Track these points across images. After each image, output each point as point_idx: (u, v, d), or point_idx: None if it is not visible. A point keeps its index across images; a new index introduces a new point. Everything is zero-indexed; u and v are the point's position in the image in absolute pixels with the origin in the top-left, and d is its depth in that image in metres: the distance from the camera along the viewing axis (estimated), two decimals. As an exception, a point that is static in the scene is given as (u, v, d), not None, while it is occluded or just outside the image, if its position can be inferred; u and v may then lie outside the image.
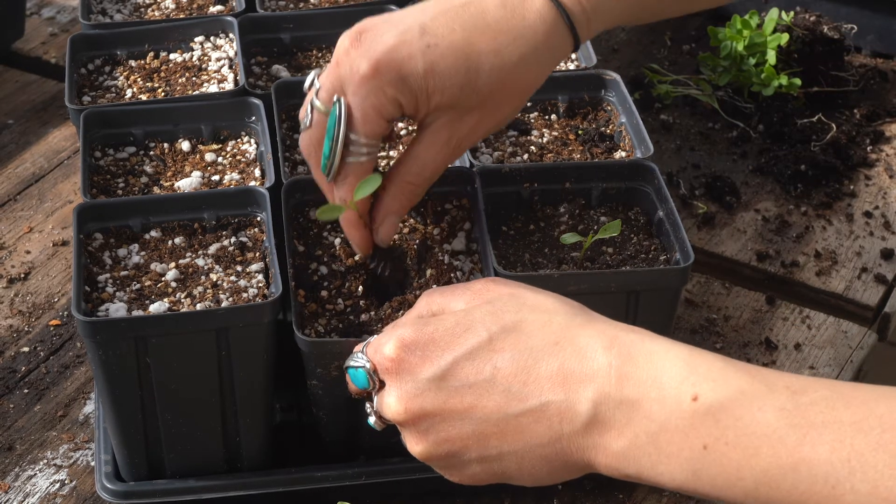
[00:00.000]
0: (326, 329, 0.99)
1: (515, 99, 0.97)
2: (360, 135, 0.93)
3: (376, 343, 0.88)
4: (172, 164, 1.14)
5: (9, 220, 1.39)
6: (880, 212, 1.40)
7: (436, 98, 0.93)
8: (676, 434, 0.77)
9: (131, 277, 1.01)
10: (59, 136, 1.51)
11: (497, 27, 0.94)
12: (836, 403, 0.74)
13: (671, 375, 0.78)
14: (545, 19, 0.95)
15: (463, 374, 0.83)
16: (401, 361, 0.85)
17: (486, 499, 1.08)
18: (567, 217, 1.08)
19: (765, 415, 0.75)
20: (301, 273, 1.02)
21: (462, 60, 0.93)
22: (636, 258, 1.04)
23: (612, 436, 0.80)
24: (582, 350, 0.81)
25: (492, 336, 0.83)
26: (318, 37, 1.29)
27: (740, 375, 0.78)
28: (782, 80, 1.50)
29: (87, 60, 1.26)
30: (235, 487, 1.04)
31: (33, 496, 1.09)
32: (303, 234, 1.05)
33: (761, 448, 0.75)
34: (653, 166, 1.08)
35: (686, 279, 1.01)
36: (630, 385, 0.79)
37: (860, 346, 1.26)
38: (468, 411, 0.83)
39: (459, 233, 1.05)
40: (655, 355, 0.80)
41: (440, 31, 0.93)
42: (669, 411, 0.78)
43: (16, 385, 1.20)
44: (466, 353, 0.83)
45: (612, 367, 0.80)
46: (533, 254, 1.04)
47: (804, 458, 0.74)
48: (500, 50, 0.93)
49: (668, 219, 1.05)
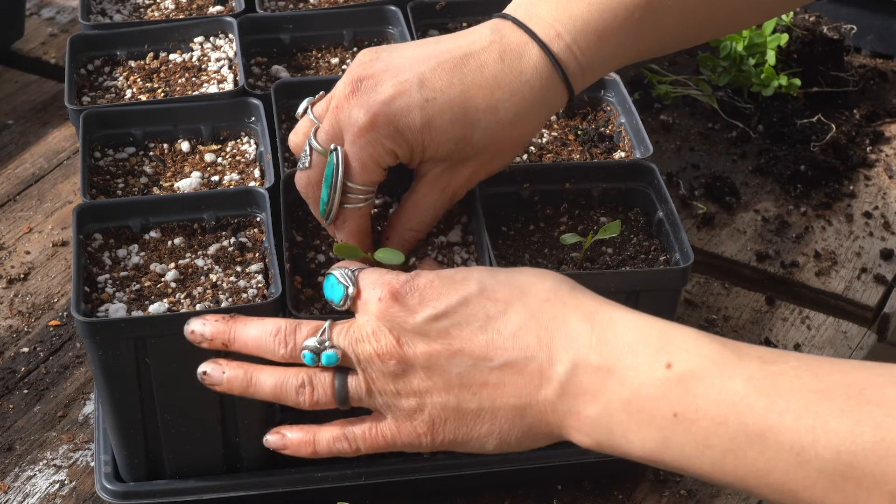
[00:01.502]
0: (322, 313, 0.99)
1: (510, 151, 1.00)
2: (357, 183, 0.96)
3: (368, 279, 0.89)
4: (172, 164, 1.14)
5: (8, 220, 1.39)
6: (880, 212, 1.40)
7: (431, 150, 0.96)
8: (648, 401, 0.80)
9: (131, 278, 1.02)
10: (58, 136, 1.51)
11: (495, 83, 0.95)
12: (803, 373, 0.77)
13: (647, 343, 0.81)
14: (541, 75, 0.96)
15: (455, 318, 0.86)
16: (390, 308, 0.87)
17: (487, 499, 1.08)
18: (567, 217, 1.08)
19: (734, 383, 0.77)
20: (298, 261, 1.03)
21: (459, 116, 0.95)
22: (636, 259, 1.04)
23: (585, 400, 0.82)
24: (567, 313, 0.84)
25: (485, 286, 0.86)
26: (317, 37, 1.29)
27: (713, 346, 0.80)
28: (782, 81, 1.50)
29: (87, 61, 1.26)
30: (235, 488, 1.04)
31: (33, 496, 1.09)
32: (301, 226, 1.06)
33: (729, 415, 0.77)
34: (653, 166, 1.08)
35: (686, 280, 1.01)
36: (607, 351, 0.82)
37: (860, 346, 1.26)
38: (455, 355, 0.86)
39: (456, 225, 1.06)
40: (634, 324, 0.83)
41: (438, 84, 0.95)
42: (642, 378, 0.80)
43: (15, 385, 1.20)
44: (461, 300, 0.86)
45: (593, 332, 0.83)
46: (533, 254, 1.04)
47: (771, 426, 0.76)
48: (496, 106, 0.95)
49: (667, 219, 1.05)
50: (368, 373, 0.89)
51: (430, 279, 0.87)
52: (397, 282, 0.88)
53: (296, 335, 0.91)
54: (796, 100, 1.53)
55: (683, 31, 1.02)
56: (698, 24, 1.03)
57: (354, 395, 0.90)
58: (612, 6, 0.97)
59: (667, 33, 1.01)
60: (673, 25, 1.00)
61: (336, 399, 0.90)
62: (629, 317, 0.84)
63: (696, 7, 1.00)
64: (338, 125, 0.96)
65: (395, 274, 0.89)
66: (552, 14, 0.97)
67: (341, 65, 1.26)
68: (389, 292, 0.87)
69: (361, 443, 0.91)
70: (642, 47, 1.00)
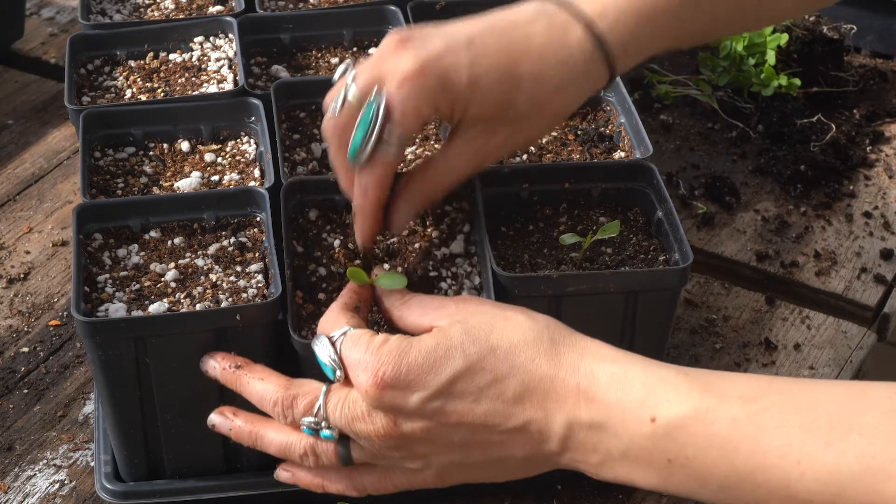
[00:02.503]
0: None
1: (549, 120, 1.01)
2: (396, 129, 0.94)
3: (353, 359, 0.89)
4: (172, 164, 1.14)
5: (8, 220, 1.39)
6: (880, 212, 1.40)
7: (473, 110, 0.96)
8: (642, 451, 0.82)
9: (131, 278, 1.02)
10: (58, 136, 1.51)
11: (540, 53, 0.96)
12: (785, 408, 0.78)
13: (631, 399, 0.83)
14: (584, 50, 0.97)
15: (446, 396, 0.86)
16: (382, 396, 0.87)
17: (487, 499, 1.08)
18: (566, 217, 1.08)
19: (718, 427, 0.79)
20: (299, 274, 1.02)
21: (505, 80, 0.95)
22: (635, 259, 1.04)
23: (586, 451, 0.85)
24: (555, 372, 0.85)
25: (470, 358, 0.86)
26: (317, 37, 1.29)
27: (694, 391, 0.81)
28: (782, 81, 1.50)
29: (87, 61, 1.26)
30: (235, 488, 1.04)
31: (33, 496, 1.09)
32: (302, 235, 1.05)
33: (718, 460, 0.79)
34: (652, 166, 1.08)
35: (685, 280, 1.01)
36: (596, 408, 0.84)
37: (860, 346, 1.26)
38: (454, 427, 0.87)
39: (458, 235, 1.05)
40: (615, 378, 0.84)
41: (487, 48, 0.95)
42: (632, 432, 0.82)
43: (15, 385, 1.20)
44: (449, 379, 0.86)
45: (580, 389, 0.84)
46: (532, 254, 1.04)
47: (758, 466, 0.77)
48: (541, 75, 0.96)
49: (666, 219, 1.05)
50: (369, 447, 0.91)
51: (414, 357, 0.87)
52: (382, 367, 0.87)
53: (293, 409, 0.92)
54: (796, 100, 1.53)
55: (726, 17, 1.03)
56: (740, 10, 1.03)
57: (359, 460, 0.92)
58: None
59: (708, 18, 1.02)
60: (715, 10, 1.01)
61: (341, 464, 0.93)
62: (610, 369, 0.85)
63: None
64: (380, 74, 0.94)
65: (376, 351, 0.88)
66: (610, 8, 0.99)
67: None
68: (376, 380, 0.87)
69: (372, 492, 0.94)
70: (683, 31, 1.01)
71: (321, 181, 1.06)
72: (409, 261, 1.03)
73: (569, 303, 0.99)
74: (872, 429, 0.74)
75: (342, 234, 1.03)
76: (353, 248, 1.03)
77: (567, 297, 0.99)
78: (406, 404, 0.87)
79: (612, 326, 1.01)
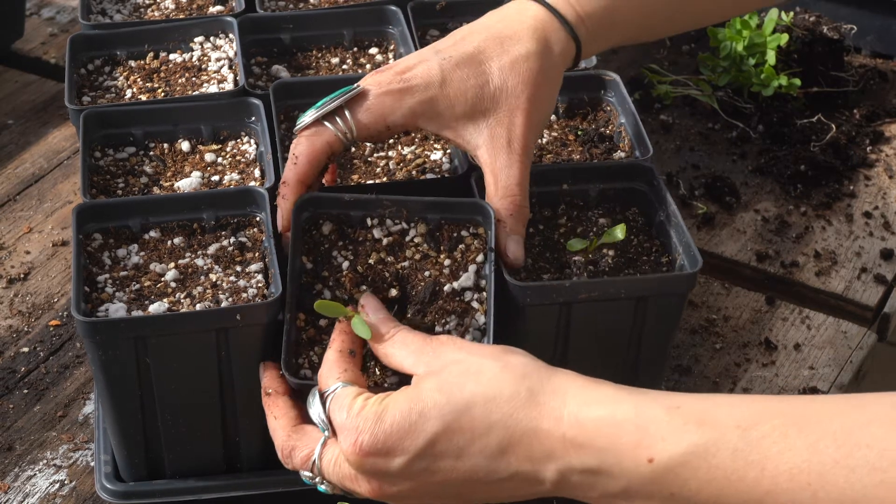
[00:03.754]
0: (321, 360, 0.97)
1: (534, 88, 1.02)
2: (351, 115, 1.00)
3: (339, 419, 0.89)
4: (172, 164, 1.14)
5: (8, 220, 1.39)
6: (880, 212, 1.40)
7: (459, 106, 1.00)
8: (643, 489, 0.81)
9: (131, 278, 1.01)
10: (58, 136, 1.51)
11: (499, 33, 1.03)
12: (788, 430, 0.77)
13: (624, 443, 0.81)
14: (541, 19, 1.03)
15: (427, 457, 0.85)
16: (363, 463, 0.87)
17: (486, 499, 1.08)
18: (565, 219, 1.08)
19: (720, 460, 0.78)
20: (304, 293, 1.00)
21: (474, 66, 1.01)
22: (638, 261, 1.04)
23: (583, 492, 0.84)
24: (538, 423, 0.83)
25: (445, 419, 0.85)
26: (317, 37, 1.29)
27: (689, 427, 0.79)
28: (782, 81, 1.50)
29: (87, 61, 1.26)
30: (235, 487, 1.04)
31: (33, 496, 1.09)
32: (312, 250, 1.02)
33: (724, 490, 0.78)
34: (650, 166, 1.08)
35: (694, 284, 1.01)
36: (587, 455, 0.82)
37: (860, 346, 1.26)
38: (441, 484, 0.87)
39: (470, 266, 1.00)
40: (604, 423, 0.82)
41: (452, 48, 1.02)
42: (630, 474, 0.81)
43: (15, 385, 1.20)
44: (427, 441, 0.85)
45: (566, 438, 0.83)
46: (534, 258, 1.04)
47: (767, 492, 0.76)
48: (504, 49, 1.02)
49: (669, 221, 1.05)
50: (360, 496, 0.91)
51: (390, 423, 0.86)
52: (360, 435, 0.87)
53: (292, 459, 0.93)
54: (796, 100, 1.53)
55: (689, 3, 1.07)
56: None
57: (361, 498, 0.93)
58: None
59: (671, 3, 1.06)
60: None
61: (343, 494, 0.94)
62: (596, 413, 0.83)
63: None
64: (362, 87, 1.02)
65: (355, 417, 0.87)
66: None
67: (341, 65, 1.26)
68: (355, 448, 0.86)
69: None
70: (647, 11, 1.04)
71: (336, 198, 1.02)
72: (417, 290, 1.00)
73: (579, 309, 0.99)
74: (880, 441, 0.73)
75: (353, 252, 1.01)
76: (361, 271, 1.00)
77: (578, 303, 0.98)
78: (388, 469, 0.86)
79: (621, 331, 1.01)
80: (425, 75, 1.00)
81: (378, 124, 1.01)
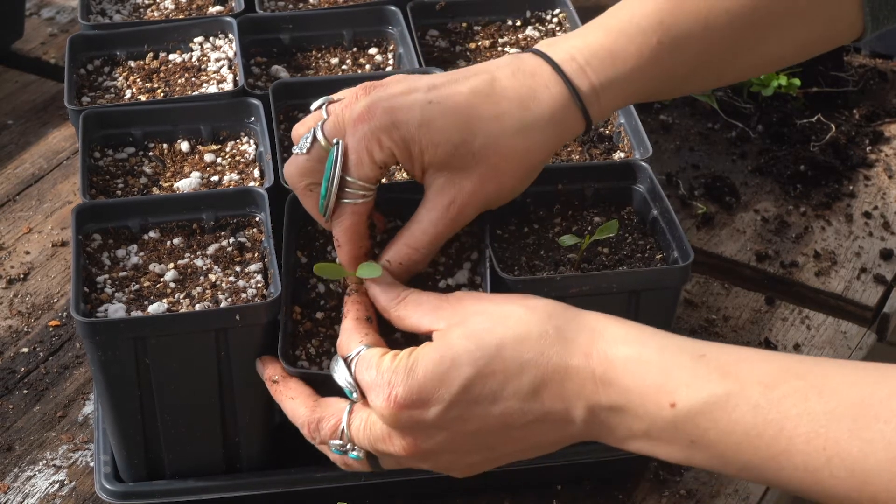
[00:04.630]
0: (318, 351, 0.98)
1: (515, 167, 0.96)
2: (354, 176, 0.95)
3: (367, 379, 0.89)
4: (171, 164, 1.14)
5: (8, 220, 1.39)
6: (879, 212, 1.40)
7: (429, 154, 0.94)
8: (664, 432, 0.83)
9: (130, 278, 1.02)
10: (58, 136, 1.51)
11: (502, 94, 0.95)
12: (808, 394, 0.78)
13: (648, 384, 0.82)
14: (552, 93, 0.95)
15: (462, 405, 0.86)
16: (398, 416, 0.87)
17: (486, 498, 1.08)
18: (560, 218, 1.08)
19: (740, 414, 0.79)
20: (300, 287, 1.01)
21: (461, 121, 0.94)
22: (632, 258, 1.04)
23: (609, 430, 0.85)
24: (567, 361, 0.85)
25: (478, 364, 0.86)
26: (317, 37, 1.29)
27: (713, 377, 0.81)
28: (781, 81, 1.50)
29: (87, 61, 1.26)
30: (235, 488, 1.04)
31: (32, 497, 1.09)
32: (307, 245, 1.03)
33: (741, 444, 0.79)
34: (644, 165, 1.08)
35: (686, 278, 1.01)
36: (614, 392, 0.84)
37: (859, 346, 1.26)
38: (475, 433, 0.87)
39: (465, 263, 1.02)
40: (630, 361, 0.84)
41: (446, 91, 0.94)
42: (653, 416, 0.82)
43: (15, 386, 1.20)
44: (461, 388, 0.86)
45: (595, 375, 0.84)
46: (529, 256, 1.04)
47: (782, 450, 0.78)
48: (500, 116, 0.94)
49: (662, 217, 1.05)
50: (396, 462, 0.92)
51: (423, 374, 0.86)
52: (394, 389, 0.87)
53: (319, 432, 0.93)
54: (796, 100, 1.53)
55: (707, 63, 1.00)
56: (723, 58, 1.01)
57: (389, 467, 0.93)
58: (628, 31, 0.97)
59: (688, 64, 0.99)
60: (694, 55, 0.99)
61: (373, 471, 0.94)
62: (624, 352, 0.84)
63: (721, 36, 0.99)
64: (341, 122, 0.96)
65: (386, 372, 0.87)
66: (569, 43, 0.97)
67: (341, 65, 1.26)
68: (390, 403, 0.87)
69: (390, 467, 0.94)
70: (663, 75, 0.99)
71: None
72: None
73: (572, 303, 0.99)
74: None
75: None
76: None
77: (570, 298, 0.98)
78: (424, 420, 0.87)
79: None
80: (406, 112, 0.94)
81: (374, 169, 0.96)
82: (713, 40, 0.99)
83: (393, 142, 0.93)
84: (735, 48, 1.00)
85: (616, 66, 0.96)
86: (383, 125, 0.93)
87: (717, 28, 0.98)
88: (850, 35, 1.03)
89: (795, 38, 1.02)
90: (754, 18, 0.99)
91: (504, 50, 1.29)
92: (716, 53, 1.00)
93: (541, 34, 1.30)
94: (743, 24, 0.99)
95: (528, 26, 1.32)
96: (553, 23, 1.32)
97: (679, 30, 0.97)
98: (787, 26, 1.01)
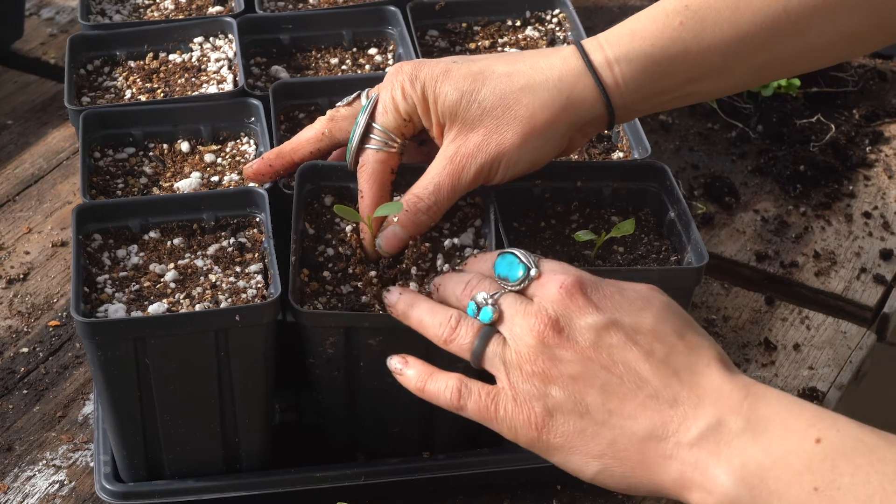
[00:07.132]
0: (326, 307, 0.98)
1: (518, 123, 0.98)
2: (379, 124, 1.01)
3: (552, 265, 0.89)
4: (172, 164, 1.14)
5: (8, 220, 1.39)
6: (879, 212, 1.40)
7: (440, 102, 0.99)
8: (789, 471, 0.78)
9: (130, 278, 1.02)
10: (58, 136, 1.51)
11: (520, 58, 1.01)
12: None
13: (798, 417, 0.80)
14: (565, 58, 1.00)
15: (622, 340, 0.85)
16: (573, 296, 0.86)
17: (487, 498, 1.08)
18: (578, 215, 1.08)
19: (885, 466, 0.76)
20: (308, 254, 1.02)
21: (475, 73, 0.99)
22: (647, 258, 1.04)
23: (719, 459, 0.81)
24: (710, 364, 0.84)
25: (657, 322, 0.86)
26: (317, 37, 1.29)
27: (864, 429, 0.79)
28: (781, 81, 1.50)
29: (87, 61, 1.26)
30: (235, 488, 1.04)
31: (32, 497, 1.09)
32: (315, 219, 1.06)
33: (874, 497, 0.75)
34: (665, 167, 1.08)
35: (699, 279, 1.01)
36: (755, 418, 0.81)
37: (859, 346, 1.26)
38: (607, 369, 0.84)
39: (469, 228, 1.05)
40: (783, 397, 0.82)
41: (474, 57, 1.02)
42: (789, 449, 0.78)
43: (15, 386, 1.20)
44: (633, 325, 0.85)
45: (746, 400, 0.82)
46: (544, 250, 1.04)
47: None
48: (512, 73, 0.99)
49: (679, 219, 1.05)
50: (516, 343, 0.87)
51: (614, 290, 0.87)
52: (584, 274, 0.88)
53: (480, 284, 0.91)
54: (796, 100, 1.53)
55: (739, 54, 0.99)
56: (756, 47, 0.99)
57: (490, 353, 0.88)
58: (652, 13, 1.00)
59: (718, 51, 0.98)
60: (725, 42, 0.98)
61: (472, 349, 0.89)
62: (776, 390, 0.83)
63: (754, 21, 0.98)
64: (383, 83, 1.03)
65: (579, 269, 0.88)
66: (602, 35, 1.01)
67: (341, 65, 1.26)
68: (575, 281, 0.87)
69: (472, 403, 0.88)
70: (692, 60, 0.98)
71: (338, 167, 1.06)
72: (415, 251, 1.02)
73: None
74: None
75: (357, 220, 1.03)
76: None
77: None
78: (588, 317, 0.85)
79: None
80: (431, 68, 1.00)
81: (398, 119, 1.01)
82: (744, 25, 0.98)
83: (415, 92, 1.00)
84: (770, 36, 0.98)
85: (634, 42, 0.99)
86: (409, 77, 1.00)
87: (748, 12, 0.97)
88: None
89: (840, 28, 0.99)
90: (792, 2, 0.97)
91: (503, 50, 1.29)
92: (748, 41, 0.98)
93: (540, 34, 1.30)
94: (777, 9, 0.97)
95: (527, 26, 1.32)
96: (553, 23, 1.32)
97: (706, 12, 0.98)
98: (831, 13, 0.98)
